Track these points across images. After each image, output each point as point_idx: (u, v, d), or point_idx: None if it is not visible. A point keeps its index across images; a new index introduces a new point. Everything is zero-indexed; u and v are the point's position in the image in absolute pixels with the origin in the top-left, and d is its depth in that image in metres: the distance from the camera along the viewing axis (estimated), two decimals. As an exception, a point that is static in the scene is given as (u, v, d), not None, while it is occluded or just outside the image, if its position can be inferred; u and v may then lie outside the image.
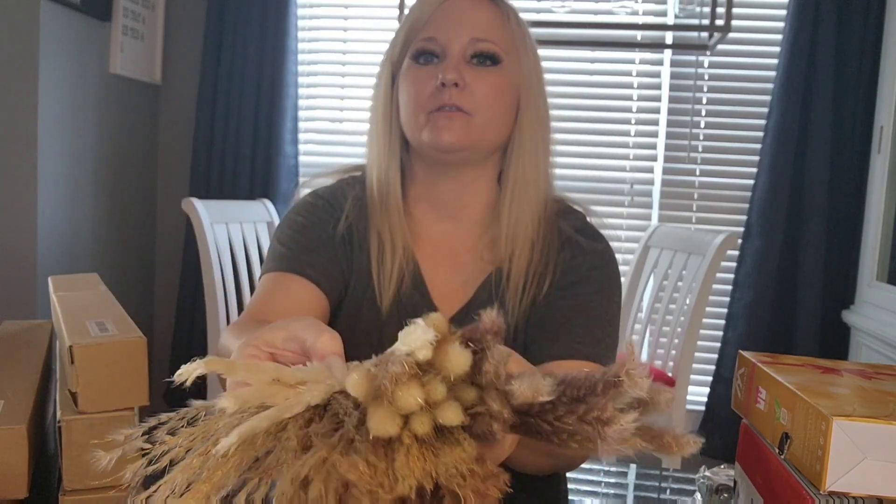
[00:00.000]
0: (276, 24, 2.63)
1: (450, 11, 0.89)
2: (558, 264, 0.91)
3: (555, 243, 0.92)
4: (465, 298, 0.91)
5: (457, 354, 0.40)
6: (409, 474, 0.38)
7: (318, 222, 0.93)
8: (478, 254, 0.92)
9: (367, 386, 0.40)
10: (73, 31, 2.28)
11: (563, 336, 0.85)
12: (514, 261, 0.89)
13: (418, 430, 0.38)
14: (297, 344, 0.48)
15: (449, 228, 0.94)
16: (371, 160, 0.95)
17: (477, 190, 0.93)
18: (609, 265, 0.93)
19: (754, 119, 2.52)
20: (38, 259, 2.15)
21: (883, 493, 0.50)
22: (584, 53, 2.62)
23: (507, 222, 0.90)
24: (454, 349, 0.40)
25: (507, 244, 0.90)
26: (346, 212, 0.94)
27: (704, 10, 2.42)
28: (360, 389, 0.40)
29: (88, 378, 0.67)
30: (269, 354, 0.49)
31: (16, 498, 0.66)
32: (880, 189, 2.22)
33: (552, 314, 0.88)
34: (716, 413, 2.50)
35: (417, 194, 0.95)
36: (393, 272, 0.90)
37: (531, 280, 0.89)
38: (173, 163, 2.83)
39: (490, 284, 0.91)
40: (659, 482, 0.89)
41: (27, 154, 2.13)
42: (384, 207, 0.92)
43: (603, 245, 0.94)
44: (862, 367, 0.66)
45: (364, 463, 0.38)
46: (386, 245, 0.91)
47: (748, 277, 2.44)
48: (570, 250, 0.91)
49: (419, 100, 0.87)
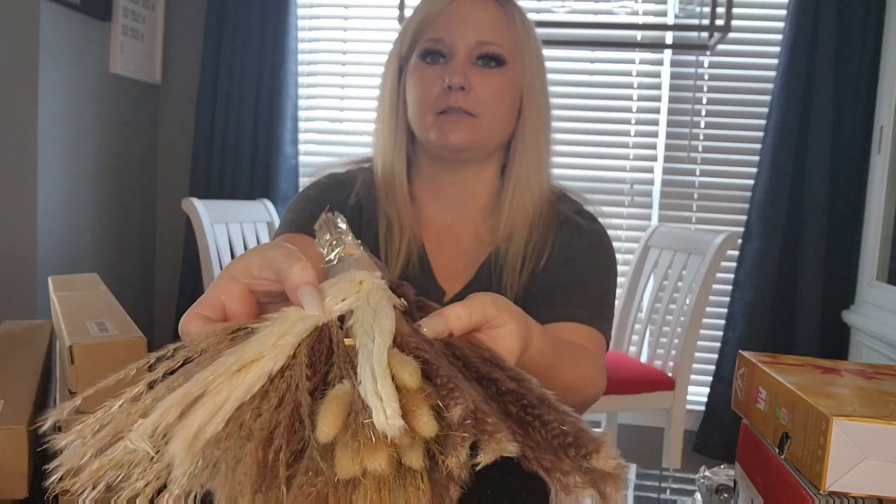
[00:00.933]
0: (276, 24, 2.63)
1: (457, 12, 0.91)
2: (557, 241, 0.95)
3: (553, 223, 0.96)
4: (467, 278, 0.95)
5: (425, 422, 0.38)
6: None
7: (329, 197, 0.97)
8: (479, 238, 0.97)
9: (337, 429, 0.38)
10: (73, 31, 2.28)
11: (560, 302, 0.89)
12: (512, 241, 0.94)
13: (382, 467, 0.37)
14: (272, 272, 0.47)
15: (452, 217, 0.98)
16: (377, 152, 0.98)
17: (480, 183, 0.97)
18: (606, 245, 0.97)
19: (754, 119, 2.52)
20: (38, 259, 2.15)
21: (883, 493, 0.50)
22: (584, 53, 2.62)
23: (508, 211, 0.94)
24: (424, 416, 0.39)
25: (505, 228, 0.94)
26: (356, 189, 0.98)
27: (704, 10, 2.42)
28: (329, 432, 0.38)
29: (88, 378, 0.67)
30: (245, 285, 0.49)
31: (16, 498, 0.66)
32: (880, 189, 2.22)
33: (550, 283, 0.92)
34: (716, 413, 2.50)
35: (422, 184, 0.98)
36: (401, 252, 0.94)
37: (530, 255, 0.94)
38: (173, 163, 2.84)
39: (490, 264, 0.95)
40: (659, 482, 0.89)
41: (27, 154, 2.13)
42: (391, 195, 0.96)
43: (600, 227, 0.99)
44: (862, 367, 0.66)
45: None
46: (394, 225, 0.95)
47: (748, 277, 2.44)
48: (569, 229, 0.96)
49: (427, 100, 0.91)
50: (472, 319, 0.48)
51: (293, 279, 0.45)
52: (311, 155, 2.78)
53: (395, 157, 0.96)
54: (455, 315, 0.47)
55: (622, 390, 2.01)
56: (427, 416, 0.38)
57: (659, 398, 2.05)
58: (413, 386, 0.40)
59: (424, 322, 0.47)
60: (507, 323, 0.50)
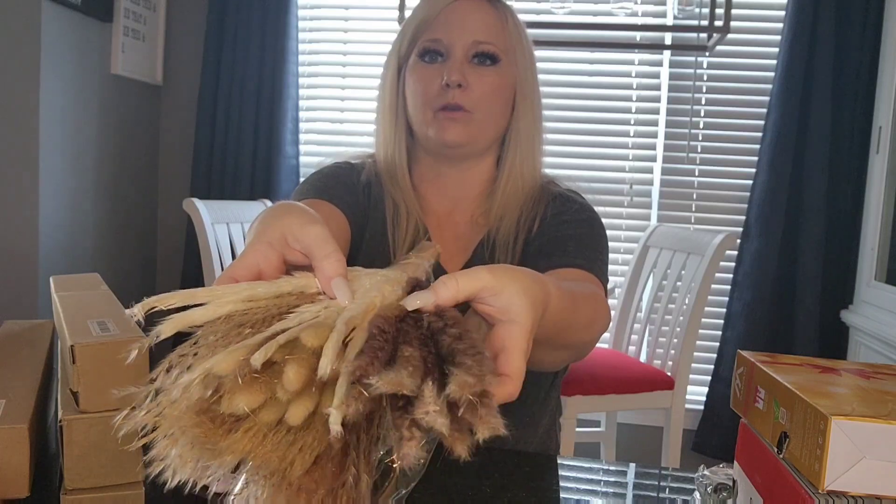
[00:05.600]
0: (276, 25, 2.63)
1: (454, 14, 0.97)
2: (548, 211, 1.00)
3: (544, 200, 1.02)
4: (465, 258, 1.02)
5: (289, 377, 0.43)
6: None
7: (342, 174, 1.03)
8: (475, 221, 1.04)
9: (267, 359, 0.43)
10: (74, 32, 2.28)
11: (557, 254, 0.94)
12: (503, 221, 1.00)
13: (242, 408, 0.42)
14: (305, 250, 0.50)
15: (452, 204, 1.04)
16: (379, 146, 1.04)
17: (477, 174, 1.03)
18: (596, 217, 1.02)
19: (753, 119, 2.52)
20: (39, 259, 2.15)
21: (882, 492, 0.50)
22: (584, 54, 2.63)
23: (501, 197, 1.00)
24: (289, 371, 0.43)
25: (498, 211, 1.00)
26: (366, 171, 1.03)
27: (703, 10, 2.42)
28: (260, 360, 0.42)
29: (90, 377, 0.68)
30: (281, 254, 0.51)
31: (17, 497, 0.67)
32: (879, 189, 2.23)
33: (545, 241, 0.97)
34: (715, 412, 2.50)
35: (422, 175, 1.04)
36: (407, 235, 1.00)
37: (521, 227, 1.00)
38: (174, 163, 2.84)
39: (485, 242, 1.01)
40: (658, 481, 0.89)
41: (29, 154, 2.13)
42: (394, 185, 1.02)
43: (588, 202, 1.04)
44: (861, 367, 0.66)
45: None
46: (401, 209, 1.01)
47: (747, 277, 2.44)
48: (560, 202, 1.01)
49: (426, 97, 0.96)
50: (460, 287, 0.48)
51: (327, 270, 0.48)
52: (312, 155, 2.78)
53: (396, 151, 1.02)
54: (442, 285, 0.48)
55: (621, 390, 2.02)
56: (292, 371, 0.42)
57: (658, 398, 2.06)
58: (309, 345, 0.43)
59: (415, 294, 0.48)
60: (506, 285, 0.50)
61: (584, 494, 0.83)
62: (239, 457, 0.42)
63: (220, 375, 0.42)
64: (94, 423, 0.67)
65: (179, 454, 0.43)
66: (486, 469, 0.83)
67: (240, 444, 0.42)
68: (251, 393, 0.42)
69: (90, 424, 0.67)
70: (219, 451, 0.42)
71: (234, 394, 0.42)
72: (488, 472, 0.82)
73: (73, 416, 0.67)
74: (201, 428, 0.42)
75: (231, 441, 0.42)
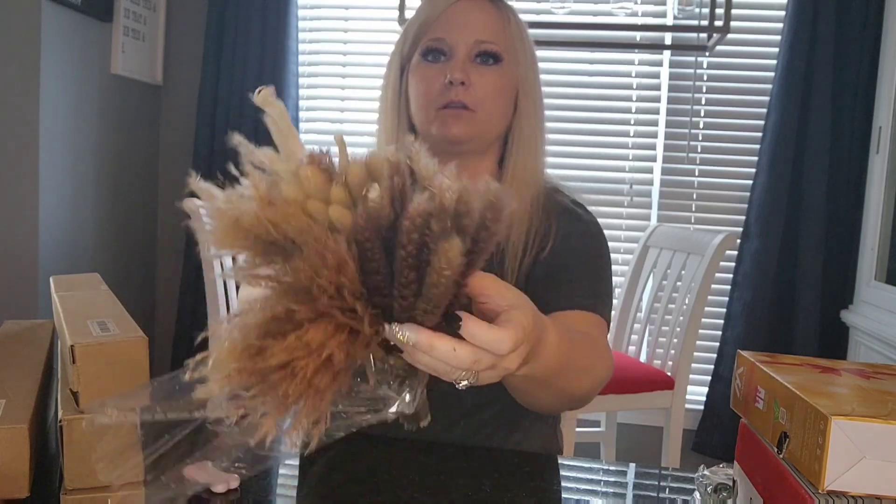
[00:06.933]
0: (276, 25, 2.63)
1: (457, 14, 0.98)
2: (560, 229, 1.00)
3: (554, 210, 1.02)
4: None
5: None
6: None
7: None
8: None
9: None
10: (74, 32, 2.28)
11: (565, 285, 0.95)
12: (512, 228, 0.99)
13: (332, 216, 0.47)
14: None
15: None
16: (381, 146, 1.03)
17: (479, 174, 1.02)
18: (601, 233, 1.04)
19: (753, 119, 2.52)
20: (39, 259, 2.15)
21: (881, 492, 0.50)
22: (584, 54, 2.62)
23: None
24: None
25: None
26: None
27: (703, 10, 2.42)
28: None
29: (90, 377, 0.68)
30: None
31: (17, 497, 0.67)
32: (879, 189, 2.23)
33: (554, 268, 0.97)
34: (715, 412, 2.50)
35: None
36: None
37: (532, 241, 0.99)
38: (174, 163, 2.84)
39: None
40: (658, 481, 0.89)
41: (28, 154, 2.13)
42: None
43: (593, 217, 1.05)
44: (861, 367, 0.66)
45: None
46: None
47: (747, 277, 2.44)
48: (568, 217, 1.02)
49: (429, 95, 0.97)
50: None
51: None
52: (311, 155, 2.78)
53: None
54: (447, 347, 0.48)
55: (621, 390, 2.02)
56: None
57: (658, 397, 2.06)
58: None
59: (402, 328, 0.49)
60: (516, 297, 0.52)
61: (584, 494, 0.83)
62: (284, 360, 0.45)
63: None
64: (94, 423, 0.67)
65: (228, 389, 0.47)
66: (486, 469, 0.83)
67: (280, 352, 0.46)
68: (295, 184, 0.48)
69: (90, 424, 0.67)
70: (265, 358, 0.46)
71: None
72: (488, 472, 0.82)
73: (73, 416, 0.67)
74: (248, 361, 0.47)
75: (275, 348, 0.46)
